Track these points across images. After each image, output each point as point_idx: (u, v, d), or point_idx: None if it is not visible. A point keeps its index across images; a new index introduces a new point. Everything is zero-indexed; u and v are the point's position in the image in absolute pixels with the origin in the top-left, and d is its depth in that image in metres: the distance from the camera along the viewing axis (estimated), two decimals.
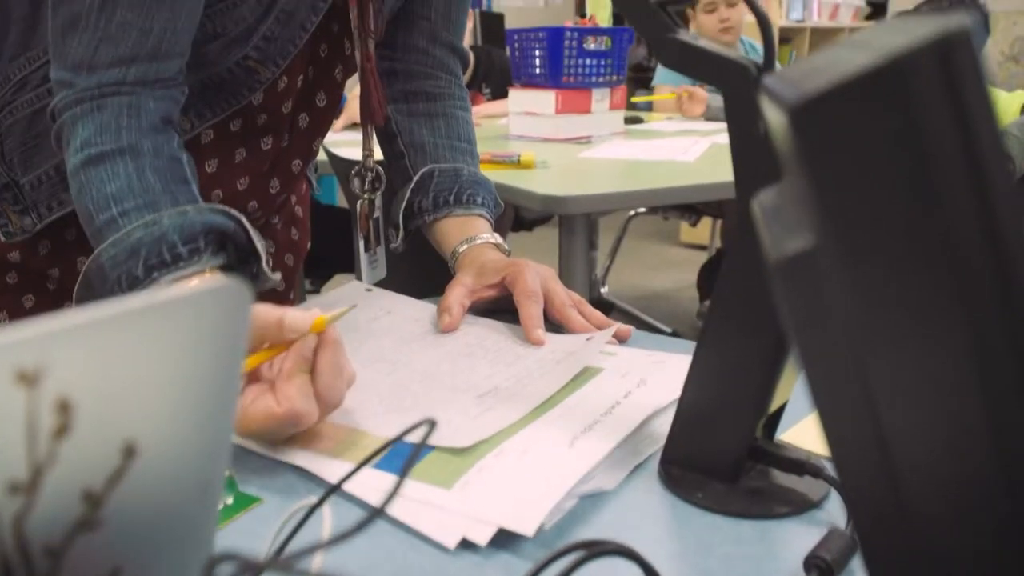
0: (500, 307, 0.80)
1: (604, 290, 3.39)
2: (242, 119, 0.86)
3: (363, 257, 0.91)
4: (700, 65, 0.48)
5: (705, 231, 3.67)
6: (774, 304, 0.24)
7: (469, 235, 0.85)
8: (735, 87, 0.46)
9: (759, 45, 3.09)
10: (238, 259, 0.72)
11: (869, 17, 4.77)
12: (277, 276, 0.73)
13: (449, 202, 0.88)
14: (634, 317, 3.17)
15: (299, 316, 0.54)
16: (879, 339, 0.22)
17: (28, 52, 0.79)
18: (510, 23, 4.29)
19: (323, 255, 1.98)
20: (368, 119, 0.88)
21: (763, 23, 0.47)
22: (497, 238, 0.86)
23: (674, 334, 2.99)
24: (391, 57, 0.94)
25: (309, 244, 1.14)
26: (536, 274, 0.77)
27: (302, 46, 0.82)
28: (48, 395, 0.21)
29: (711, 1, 2.92)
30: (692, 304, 3.25)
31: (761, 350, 0.48)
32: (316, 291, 2.49)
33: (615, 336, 0.75)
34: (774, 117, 0.23)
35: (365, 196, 0.92)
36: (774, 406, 0.52)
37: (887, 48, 0.20)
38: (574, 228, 1.42)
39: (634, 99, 2.35)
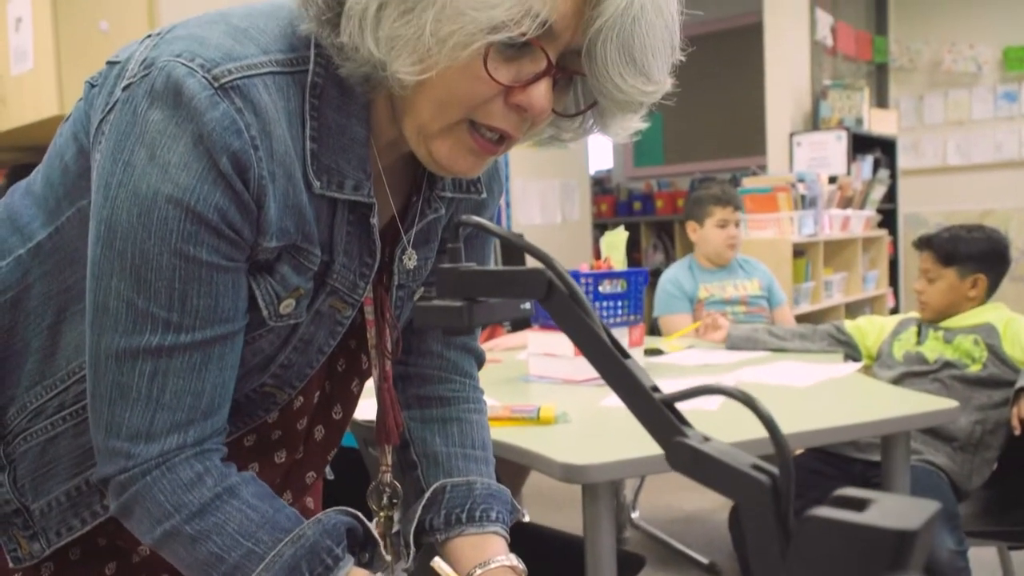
0: None
1: (635, 515, 3.26)
2: (256, 434, 0.85)
3: None
4: (712, 474, 0.45)
5: None
6: None
7: (483, 559, 0.81)
8: (750, 502, 0.44)
9: (754, 261, 3.16)
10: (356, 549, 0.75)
11: (881, 225, 4.88)
12: (389, 558, 0.78)
13: (462, 520, 0.85)
14: (669, 547, 3.02)
15: None
16: None
17: (45, 381, 0.79)
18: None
19: (342, 499, 1.92)
20: (384, 439, 0.87)
21: (772, 430, 0.45)
22: (512, 559, 0.82)
23: (711, 567, 2.84)
24: (404, 362, 0.95)
25: None
26: None
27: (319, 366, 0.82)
28: None
29: (725, 220, 3.02)
30: (727, 529, 3.11)
31: None
32: None
33: None
34: None
35: (383, 513, 0.89)
36: None
37: None
38: (598, 494, 1.37)
39: (650, 348, 2.33)
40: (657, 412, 0.47)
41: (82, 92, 0.76)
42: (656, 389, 0.49)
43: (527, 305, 0.60)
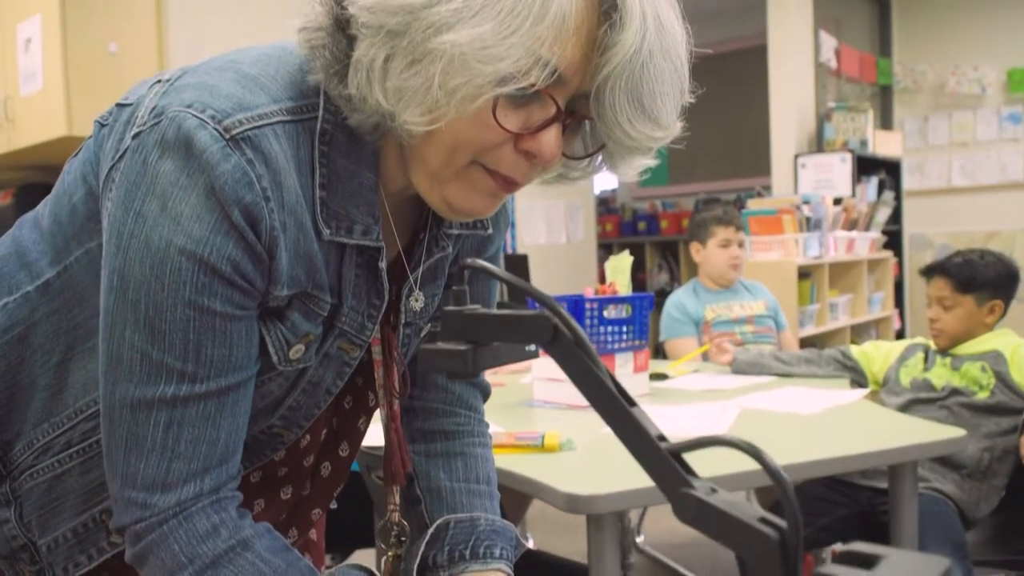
0: None
1: (640, 539, 3.24)
2: (262, 471, 0.85)
3: None
4: (719, 526, 0.45)
5: None
6: None
7: None
8: (758, 557, 0.43)
9: (758, 285, 3.17)
10: None
11: (886, 247, 4.87)
12: None
13: (465, 557, 0.84)
14: (674, 572, 3.00)
15: None
16: None
17: (52, 418, 0.79)
18: (534, 263, 4.44)
19: (345, 524, 1.91)
20: (391, 480, 0.86)
21: (779, 482, 0.44)
22: None
23: None
24: (409, 395, 0.94)
25: (324, 565, 1.09)
26: None
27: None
28: None
29: (727, 240, 3.02)
30: (732, 554, 3.08)
31: None
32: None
33: None
34: None
35: (390, 553, 0.88)
36: None
37: None
38: (603, 524, 1.36)
39: (655, 373, 2.31)
40: (663, 462, 0.47)
41: (91, 129, 0.76)
42: (662, 438, 0.48)
43: (531, 348, 0.60)
